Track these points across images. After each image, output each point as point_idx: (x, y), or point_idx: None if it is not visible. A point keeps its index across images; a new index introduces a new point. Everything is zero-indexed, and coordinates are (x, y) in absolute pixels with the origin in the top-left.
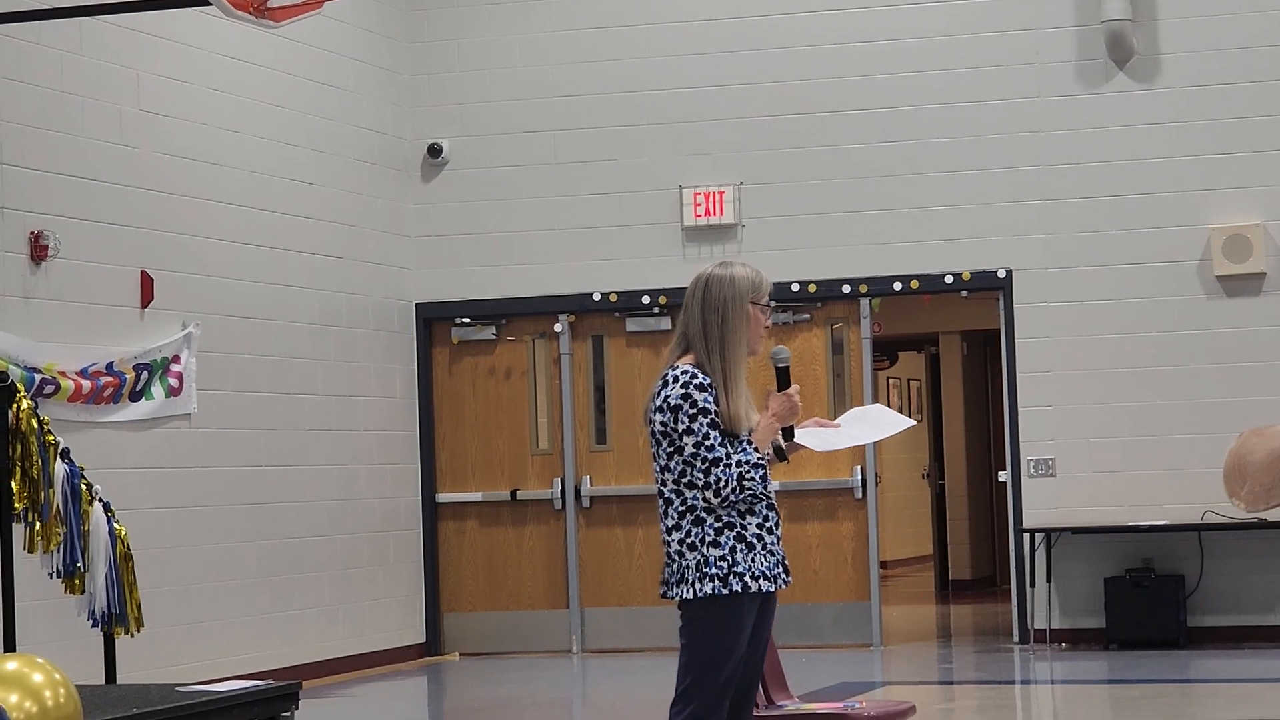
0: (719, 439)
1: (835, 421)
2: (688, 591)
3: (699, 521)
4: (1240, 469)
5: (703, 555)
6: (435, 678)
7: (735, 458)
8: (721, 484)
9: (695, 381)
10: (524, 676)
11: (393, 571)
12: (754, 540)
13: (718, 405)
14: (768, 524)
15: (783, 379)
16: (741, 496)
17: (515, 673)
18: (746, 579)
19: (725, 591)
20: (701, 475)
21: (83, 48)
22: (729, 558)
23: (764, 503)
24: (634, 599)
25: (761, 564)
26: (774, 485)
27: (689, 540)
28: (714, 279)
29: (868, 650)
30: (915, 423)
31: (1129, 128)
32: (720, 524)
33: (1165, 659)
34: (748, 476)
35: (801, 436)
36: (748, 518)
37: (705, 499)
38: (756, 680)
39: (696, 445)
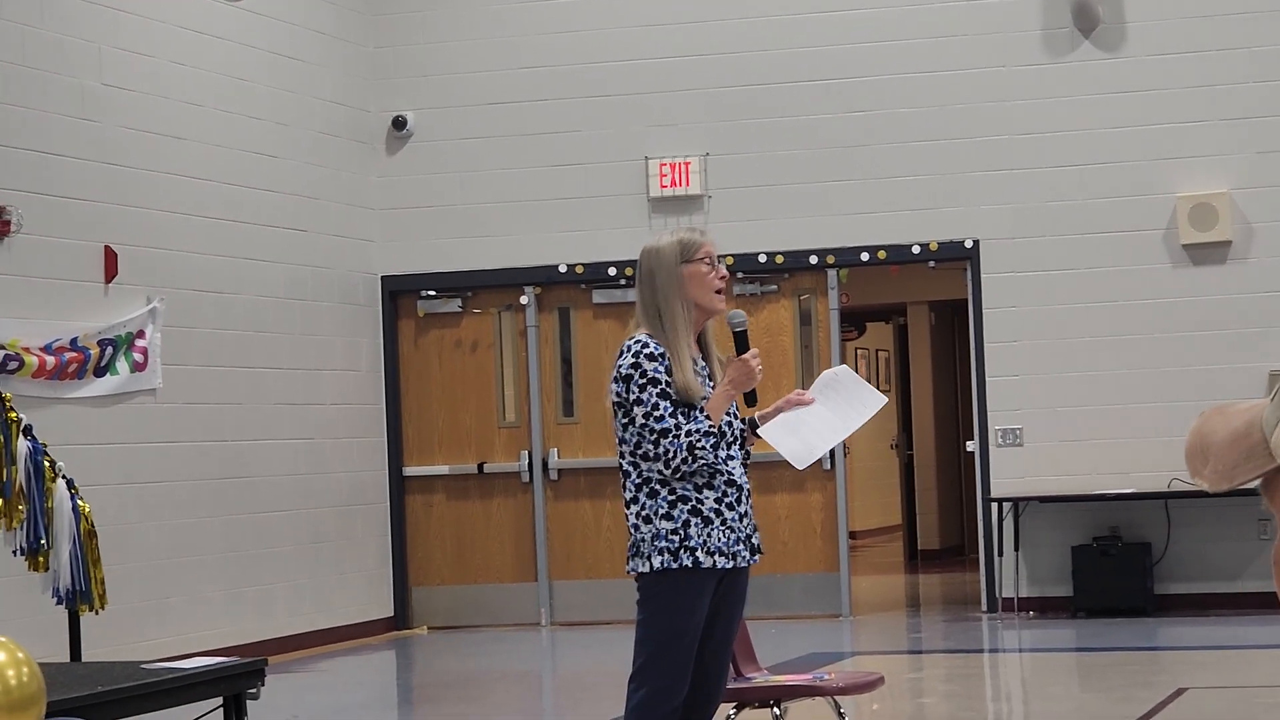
0: (669, 409)
1: (808, 395)
2: (643, 565)
3: (653, 494)
4: (1203, 448)
5: (655, 529)
6: (403, 652)
7: (685, 427)
8: (670, 454)
9: (645, 351)
10: (492, 650)
11: (360, 545)
12: (711, 514)
13: (670, 375)
14: (727, 499)
15: (741, 343)
16: (693, 467)
17: (483, 646)
18: (699, 554)
19: (675, 565)
20: (651, 446)
21: (44, 20)
22: (681, 531)
23: (722, 478)
24: (602, 571)
25: (719, 540)
26: (736, 458)
27: (644, 513)
28: (645, 253)
29: (837, 621)
30: (885, 401)
31: (1095, 97)
32: (674, 497)
33: (1133, 626)
34: (699, 445)
35: (776, 441)
36: (705, 491)
37: (658, 470)
38: (726, 660)
39: (645, 415)
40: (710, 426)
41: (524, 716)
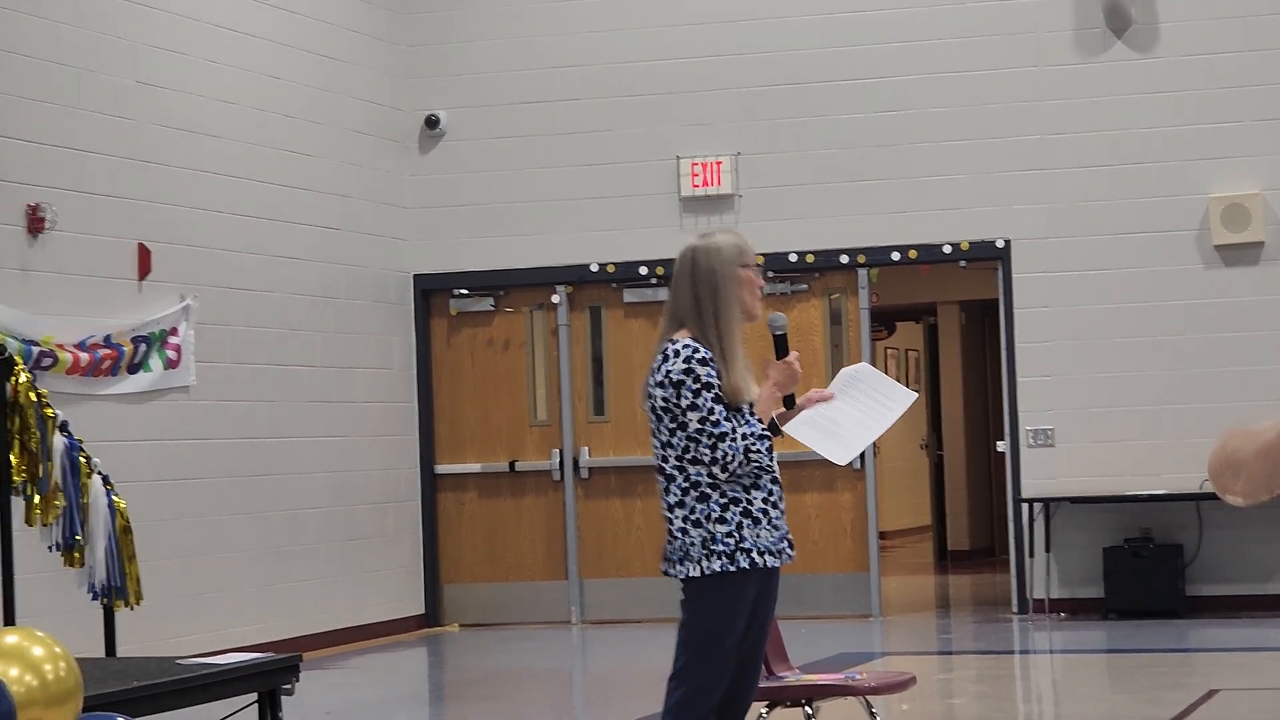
0: (724, 413)
1: (827, 391)
2: (694, 569)
3: (704, 498)
4: (1232, 465)
5: (709, 532)
6: (434, 649)
7: (740, 430)
8: (728, 458)
9: (697, 356)
10: (523, 647)
11: (392, 543)
12: (759, 515)
13: (719, 379)
14: (772, 498)
15: (781, 346)
16: (748, 469)
17: (514, 643)
18: (754, 555)
19: (733, 568)
20: (708, 451)
21: (79, 19)
22: (735, 534)
23: (768, 476)
24: (632, 570)
25: (767, 539)
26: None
27: (693, 517)
28: (700, 251)
29: (867, 621)
30: (915, 396)
31: (1127, 97)
32: (725, 500)
33: (1164, 628)
34: (753, 449)
35: (810, 441)
36: (753, 492)
37: (711, 474)
38: (760, 657)
39: (702, 420)
40: (764, 430)
41: (554, 714)
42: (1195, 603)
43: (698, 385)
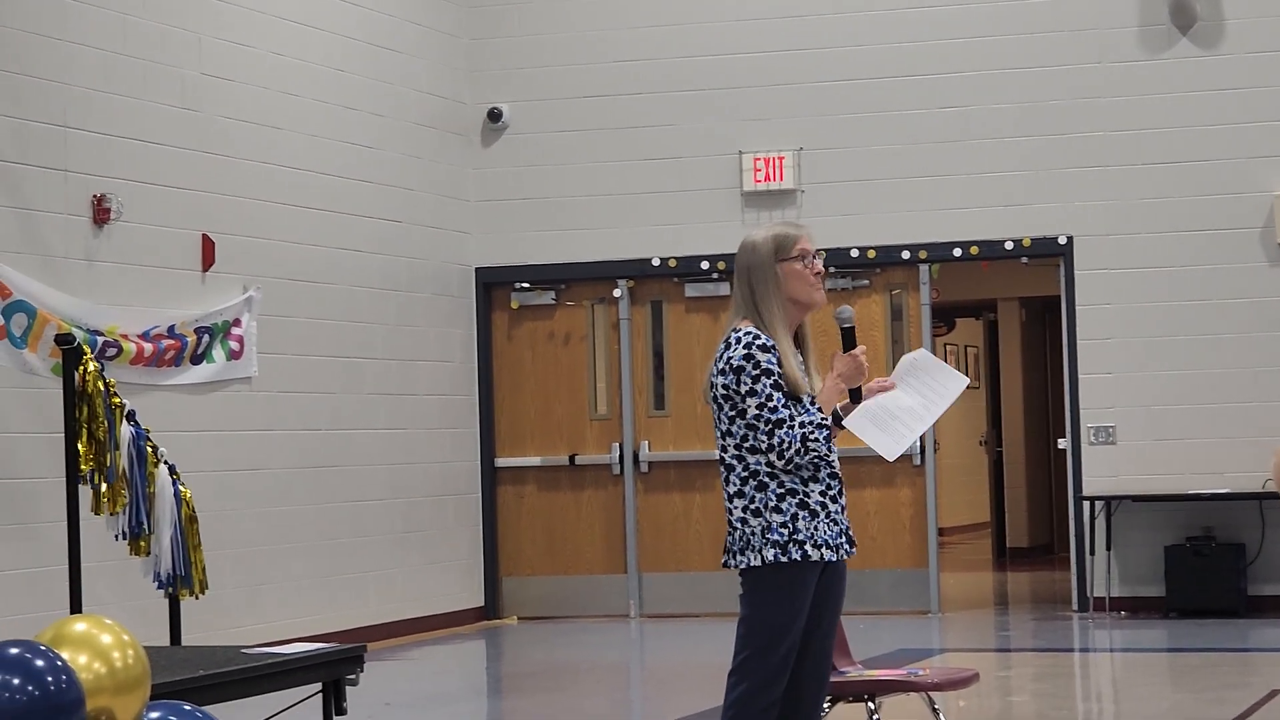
0: (782, 400)
1: (889, 380)
2: (753, 559)
3: (762, 487)
4: None
5: (765, 522)
6: (493, 641)
7: (800, 418)
8: (785, 445)
9: (759, 343)
10: (581, 641)
11: (451, 536)
12: (817, 508)
13: (780, 367)
14: (830, 492)
15: (848, 339)
16: (805, 459)
17: (573, 637)
18: (807, 547)
19: (785, 559)
20: (765, 437)
21: (145, 10)
22: (790, 524)
23: (827, 470)
24: (692, 564)
25: (825, 532)
26: (834, 450)
27: (752, 507)
28: (743, 247)
29: (925, 617)
30: (967, 382)
31: (1191, 94)
32: (783, 490)
33: (1225, 628)
34: (811, 437)
35: (863, 433)
36: (811, 485)
37: (769, 462)
38: (829, 656)
39: (760, 406)
40: (823, 419)
41: (612, 707)
42: (1257, 602)
43: (757, 371)
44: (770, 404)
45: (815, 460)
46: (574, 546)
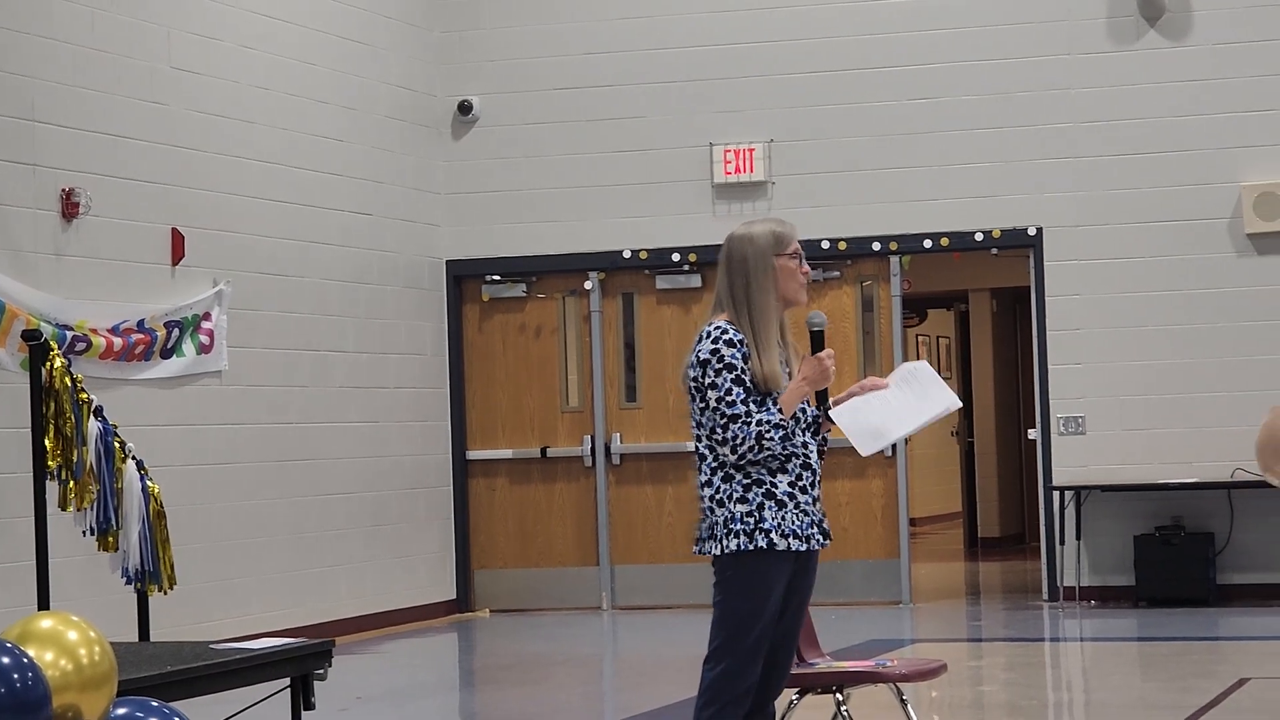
0: (741, 395)
1: (886, 380)
2: (716, 548)
3: (728, 478)
4: (1275, 444)
5: (730, 511)
6: (465, 634)
7: (757, 416)
8: (738, 440)
9: (725, 337)
10: (554, 633)
11: (423, 528)
12: (784, 498)
13: (749, 364)
14: (801, 483)
15: (816, 342)
16: (760, 456)
17: (545, 629)
18: (772, 535)
19: (750, 547)
20: (720, 431)
21: (114, 4)
22: (755, 514)
23: (799, 461)
24: (664, 556)
25: (792, 523)
26: (812, 444)
27: (718, 496)
28: (735, 239)
29: (897, 607)
30: (958, 405)
31: (1160, 85)
32: (749, 481)
33: (1194, 616)
34: (767, 436)
35: (845, 426)
36: (779, 475)
37: (724, 454)
38: (793, 643)
39: (718, 400)
40: (781, 419)
41: (585, 699)
42: (1226, 591)
43: (720, 365)
44: (728, 399)
45: (788, 452)
46: (546, 539)
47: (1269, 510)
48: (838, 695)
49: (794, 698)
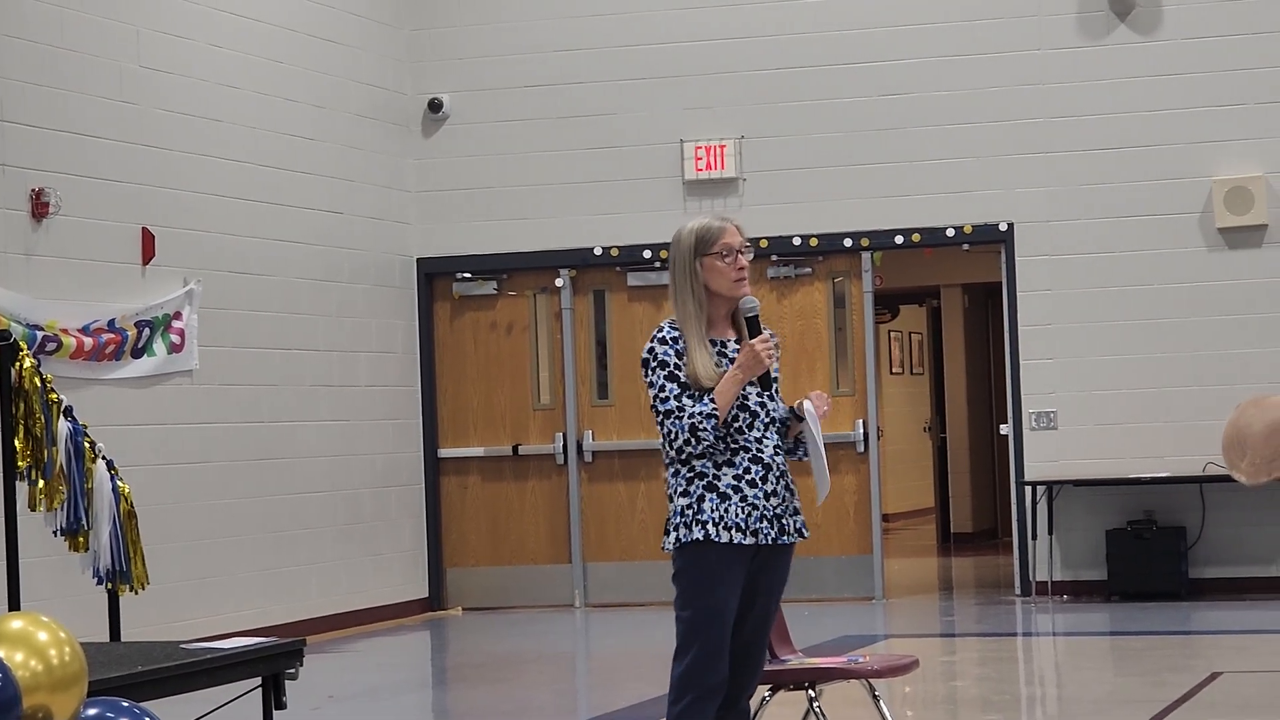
0: (675, 391)
1: (821, 408)
2: (667, 540)
3: (676, 473)
4: (1240, 441)
5: (676, 505)
6: (438, 632)
7: (690, 409)
8: (673, 435)
9: (660, 335)
10: (527, 631)
11: (395, 527)
12: (729, 490)
13: (684, 360)
14: (749, 476)
15: (752, 328)
16: (698, 449)
17: (518, 627)
18: (709, 527)
19: (688, 539)
20: (658, 427)
21: (82, 4)
22: (695, 506)
23: (747, 455)
24: (636, 553)
25: (735, 515)
26: (769, 439)
27: (669, 491)
28: (672, 240)
29: (870, 603)
30: (825, 494)
31: (1130, 80)
32: (692, 474)
33: (1167, 610)
34: (700, 428)
35: (814, 453)
36: (723, 469)
37: (666, 449)
38: (764, 640)
39: (655, 398)
40: (714, 410)
41: (558, 697)
42: (1198, 585)
43: (654, 363)
44: (661, 394)
45: (736, 446)
46: (518, 537)
47: (1240, 504)
48: (810, 692)
49: (766, 694)
